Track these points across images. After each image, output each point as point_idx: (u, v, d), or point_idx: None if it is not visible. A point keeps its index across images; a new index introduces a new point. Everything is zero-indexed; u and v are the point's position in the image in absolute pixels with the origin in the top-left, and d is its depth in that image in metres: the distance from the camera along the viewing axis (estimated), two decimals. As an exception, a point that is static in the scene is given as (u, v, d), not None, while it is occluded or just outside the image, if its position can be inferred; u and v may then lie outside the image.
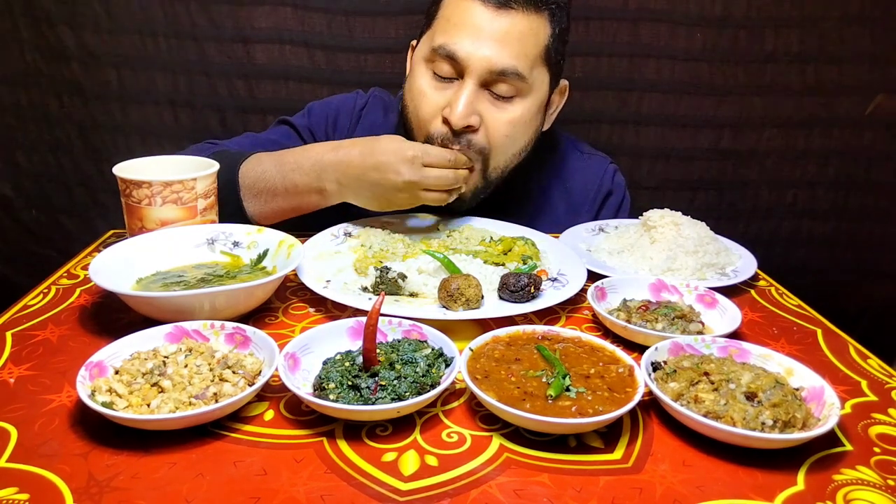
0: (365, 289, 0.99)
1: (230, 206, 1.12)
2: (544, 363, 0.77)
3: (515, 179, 1.27)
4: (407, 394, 0.70)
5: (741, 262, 1.16)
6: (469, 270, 1.01)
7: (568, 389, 0.72)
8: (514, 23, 1.10)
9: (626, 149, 1.71)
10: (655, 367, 0.78)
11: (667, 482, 0.63)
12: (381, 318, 0.80)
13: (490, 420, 0.72)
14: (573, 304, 1.00)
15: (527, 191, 1.35)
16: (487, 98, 1.14)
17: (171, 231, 1.00)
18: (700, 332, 0.89)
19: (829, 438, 0.70)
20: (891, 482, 0.65)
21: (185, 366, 0.73)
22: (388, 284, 0.97)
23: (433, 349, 0.78)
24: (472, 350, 0.78)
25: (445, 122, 1.13)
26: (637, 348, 0.86)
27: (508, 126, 1.16)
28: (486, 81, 1.12)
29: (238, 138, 1.37)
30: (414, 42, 1.27)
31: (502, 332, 0.83)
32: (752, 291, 1.10)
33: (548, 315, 0.97)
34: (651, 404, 0.75)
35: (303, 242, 1.03)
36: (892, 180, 1.75)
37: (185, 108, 1.67)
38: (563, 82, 1.27)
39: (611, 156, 1.48)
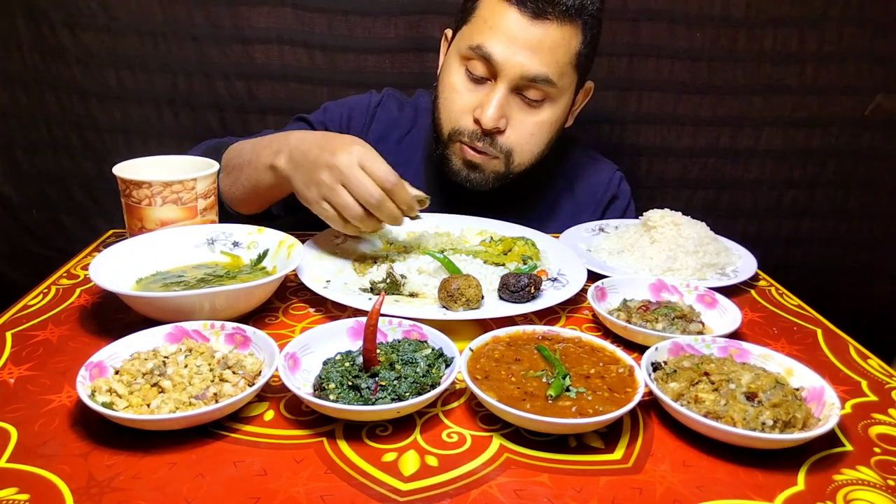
0: (365, 289, 0.99)
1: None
2: (544, 363, 0.77)
3: (526, 180, 1.29)
4: (407, 394, 0.70)
5: (741, 262, 1.16)
6: (469, 270, 1.01)
7: (568, 389, 0.72)
8: (547, 32, 1.12)
9: (626, 148, 1.72)
10: (655, 367, 0.78)
11: (667, 482, 0.63)
12: (381, 318, 0.80)
13: (490, 420, 0.72)
14: (573, 304, 1.00)
15: (536, 191, 1.38)
16: (517, 102, 1.18)
17: (171, 231, 1.00)
18: (700, 332, 0.89)
19: (829, 438, 0.70)
20: (891, 482, 0.65)
21: (185, 366, 0.73)
22: (388, 284, 0.97)
23: (433, 349, 0.78)
24: (472, 350, 0.78)
25: (476, 121, 1.18)
26: (637, 348, 0.86)
27: (535, 127, 1.20)
28: (517, 86, 1.16)
29: (258, 135, 1.37)
30: (448, 31, 1.29)
31: (502, 332, 0.83)
32: (752, 291, 1.10)
33: (548, 315, 0.97)
34: (651, 404, 0.75)
35: (303, 242, 1.03)
36: (892, 180, 1.75)
37: (184, 108, 1.67)
38: (589, 83, 1.30)
39: (610, 156, 1.49)
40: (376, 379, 0.71)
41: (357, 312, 0.89)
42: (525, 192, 1.35)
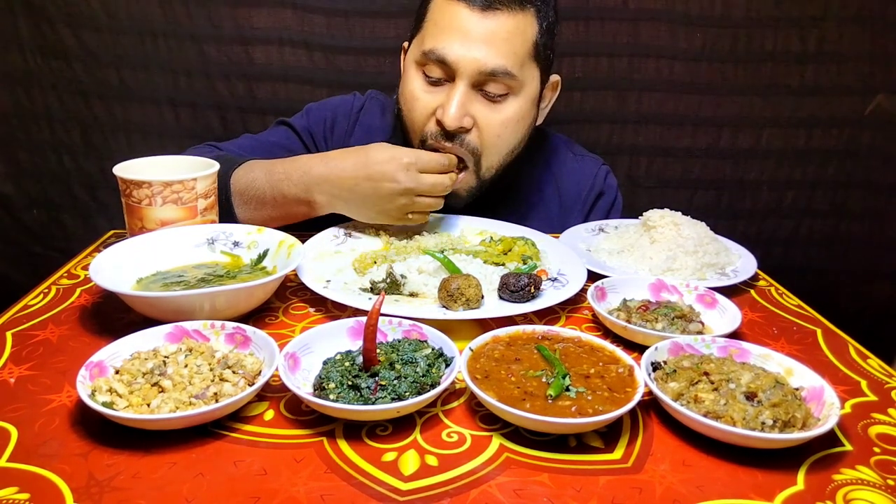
0: (365, 289, 0.99)
1: (221, 212, 1.11)
2: (544, 363, 0.77)
3: (509, 177, 1.28)
4: (407, 394, 0.70)
5: (741, 262, 1.16)
6: (469, 270, 1.01)
7: (568, 389, 0.72)
8: (500, 23, 1.11)
9: (626, 148, 1.72)
10: (655, 366, 0.78)
11: (667, 482, 0.63)
12: (381, 318, 0.80)
13: (490, 420, 0.72)
14: (573, 304, 1.00)
15: (520, 189, 1.36)
16: (480, 99, 1.15)
17: (171, 231, 1.00)
18: (700, 332, 0.89)
19: (829, 438, 0.70)
20: (890, 482, 0.65)
21: (186, 366, 0.73)
22: (388, 284, 0.97)
23: (433, 349, 0.78)
24: (472, 350, 0.78)
25: (439, 123, 1.15)
26: (637, 348, 0.86)
27: (501, 126, 1.17)
28: (477, 82, 1.14)
29: (238, 140, 1.36)
30: (405, 44, 1.28)
31: (502, 332, 0.83)
32: (752, 291, 1.10)
33: (548, 315, 0.97)
34: (651, 404, 0.75)
35: (303, 242, 1.03)
36: (892, 180, 1.76)
37: (185, 108, 1.67)
38: (555, 77, 1.28)
39: (610, 155, 1.48)
40: (376, 378, 0.71)
41: (357, 312, 0.89)
42: (511, 192, 1.34)
